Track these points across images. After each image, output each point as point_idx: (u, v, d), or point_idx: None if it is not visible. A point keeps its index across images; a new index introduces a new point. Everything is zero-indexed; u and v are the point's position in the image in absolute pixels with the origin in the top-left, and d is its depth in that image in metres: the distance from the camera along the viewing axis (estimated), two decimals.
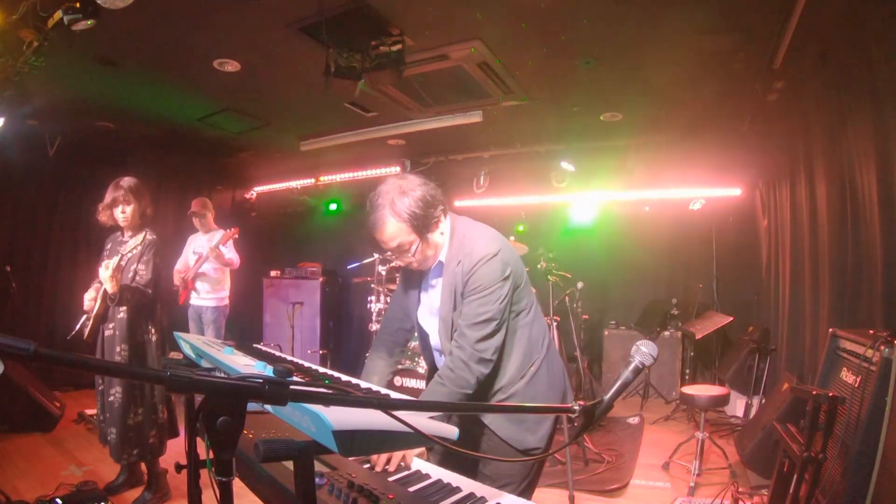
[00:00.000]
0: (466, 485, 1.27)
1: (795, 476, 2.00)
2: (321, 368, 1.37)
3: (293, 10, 2.77)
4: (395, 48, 2.92)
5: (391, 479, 1.30)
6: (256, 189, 7.39)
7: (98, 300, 2.81)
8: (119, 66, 3.46)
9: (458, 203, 6.21)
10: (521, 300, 1.67)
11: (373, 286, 5.38)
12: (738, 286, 5.66)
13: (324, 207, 7.18)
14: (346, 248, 6.90)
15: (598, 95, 3.98)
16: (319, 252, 7.26)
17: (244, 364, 1.16)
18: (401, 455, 1.39)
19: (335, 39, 2.87)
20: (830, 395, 1.84)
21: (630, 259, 6.04)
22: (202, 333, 4.60)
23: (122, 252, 2.73)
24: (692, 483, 3.27)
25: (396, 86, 3.55)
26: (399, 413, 0.81)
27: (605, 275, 6.11)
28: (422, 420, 0.91)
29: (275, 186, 7.15)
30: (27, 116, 4.23)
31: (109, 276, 2.61)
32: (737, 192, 5.34)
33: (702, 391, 3.47)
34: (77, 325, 2.90)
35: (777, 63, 3.10)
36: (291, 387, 0.70)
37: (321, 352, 6.40)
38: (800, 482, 1.96)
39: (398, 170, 5.93)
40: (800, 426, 2.09)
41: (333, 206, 7.10)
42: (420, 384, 4.07)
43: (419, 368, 4.11)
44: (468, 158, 5.74)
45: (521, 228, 6.24)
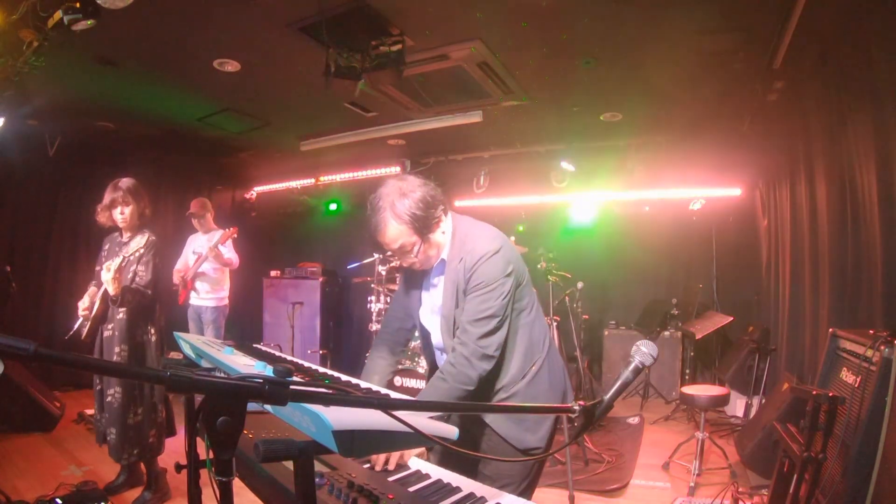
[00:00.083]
0: (466, 485, 1.27)
1: (795, 476, 2.00)
2: (321, 368, 1.37)
3: (293, 10, 2.77)
4: (395, 48, 2.92)
5: (391, 479, 1.29)
6: (256, 189, 7.39)
7: (98, 301, 2.81)
8: (119, 66, 3.46)
9: (458, 203, 6.21)
10: (523, 298, 1.67)
11: (373, 286, 5.38)
12: (738, 286, 5.66)
13: (324, 207, 7.18)
14: (346, 248, 6.90)
15: (598, 95, 3.98)
16: (319, 252, 7.26)
17: (244, 364, 1.16)
18: (399, 454, 1.40)
19: (335, 39, 2.87)
20: (830, 395, 1.84)
21: (630, 259, 6.04)
22: (202, 333, 4.60)
23: (125, 254, 2.72)
24: (692, 483, 3.27)
25: (396, 86, 3.54)
26: (399, 413, 0.81)
27: (605, 275, 6.10)
28: (422, 420, 0.91)
29: (275, 186, 7.15)
30: (27, 116, 4.23)
31: (111, 278, 2.60)
32: (737, 192, 5.34)
33: (702, 391, 3.47)
34: (75, 326, 2.90)
35: (777, 63, 3.10)
36: (291, 387, 0.70)
37: (321, 352, 6.40)
38: (800, 482, 1.97)
39: (398, 170, 5.93)
40: (800, 426, 2.09)
41: (333, 206, 7.10)
42: (420, 384, 4.07)
43: (419, 368, 4.11)
44: (468, 158, 5.74)
45: (521, 228, 6.24)
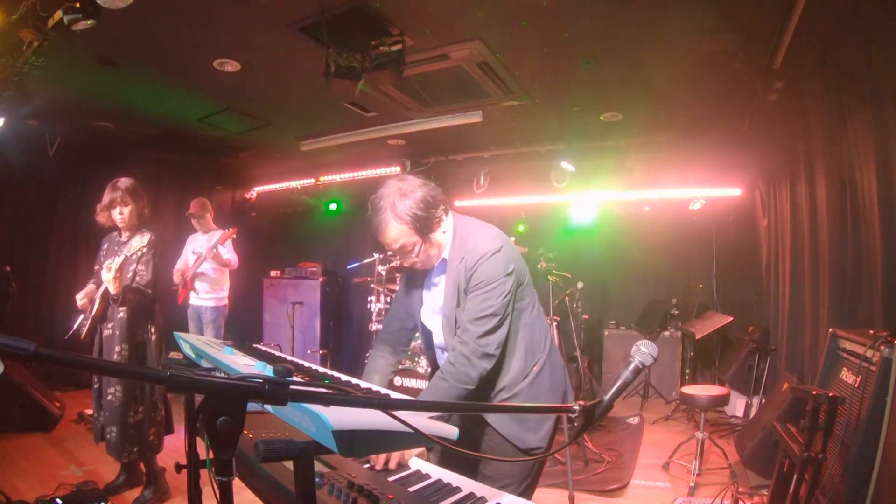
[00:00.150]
0: (466, 485, 1.27)
1: (795, 476, 2.00)
2: (321, 368, 1.36)
3: (293, 10, 2.77)
4: (395, 48, 2.92)
5: (391, 479, 1.29)
6: (256, 189, 7.39)
7: (97, 300, 2.81)
8: (119, 66, 3.46)
9: (458, 203, 6.21)
10: (524, 298, 1.67)
11: (373, 286, 5.38)
12: (738, 286, 5.66)
13: (324, 207, 7.18)
14: (346, 248, 6.91)
15: (598, 95, 3.98)
16: (319, 252, 7.26)
17: (244, 364, 1.16)
18: (399, 454, 1.40)
19: (335, 39, 2.87)
20: (830, 395, 1.84)
21: (630, 259, 6.04)
22: (201, 333, 4.60)
23: (126, 253, 2.72)
24: (692, 483, 3.27)
25: (396, 86, 3.55)
26: (399, 413, 0.81)
27: (605, 275, 6.10)
28: (422, 420, 0.91)
29: (275, 186, 7.15)
30: (27, 116, 4.23)
31: (112, 277, 2.61)
32: (737, 192, 5.34)
33: (702, 391, 3.47)
34: (74, 325, 2.90)
35: (777, 63, 3.10)
36: (291, 387, 0.70)
37: (321, 352, 6.40)
38: (800, 482, 1.96)
39: (398, 170, 5.93)
40: (800, 426, 2.09)
41: (333, 206, 7.10)
42: (420, 384, 4.07)
43: (419, 368, 4.11)
44: (468, 158, 5.74)
45: (521, 228, 6.24)
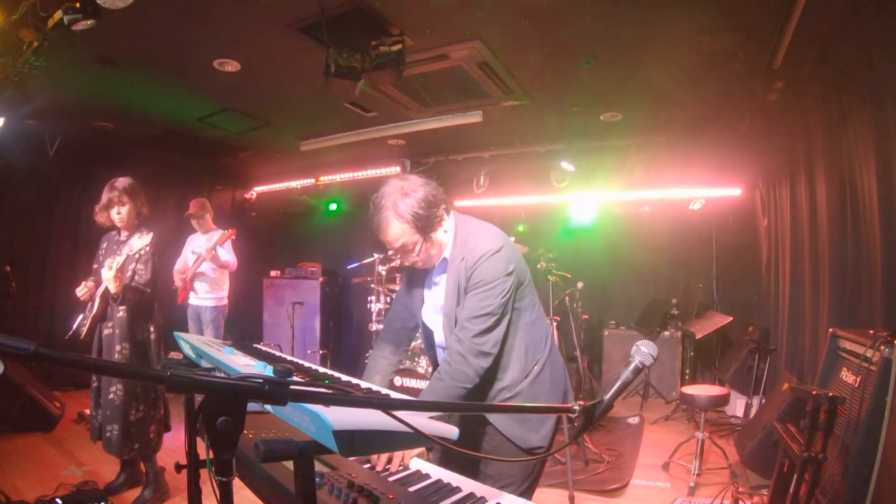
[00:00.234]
0: (466, 485, 1.27)
1: (795, 476, 2.00)
2: (321, 368, 1.36)
3: (293, 10, 2.77)
4: (395, 48, 2.92)
5: (391, 479, 1.30)
6: (256, 189, 7.39)
7: (97, 299, 2.81)
8: (119, 66, 3.46)
9: (458, 203, 6.20)
10: (525, 298, 1.67)
11: (373, 286, 5.38)
12: (738, 286, 5.66)
13: (324, 207, 7.18)
14: (346, 248, 6.90)
15: (598, 95, 3.98)
16: (319, 252, 7.26)
17: (244, 364, 1.16)
18: (400, 455, 1.40)
19: (335, 39, 2.87)
20: (830, 395, 1.84)
21: (630, 259, 6.04)
22: (201, 333, 4.60)
23: (128, 252, 2.72)
24: (692, 483, 3.27)
25: (396, 86, 3.55)
26: (399, 413, 0.81)
27: (605, 275, 6.10)
28: (422, 420, 0.91)
29: (275, 186, 7.15)
30: (27, 116, 4.23)
31: (113, 276, 2.61)
32: (737, 192, 5.34)
33: (702, 391, 3.47)
34: (74, 325, 2.91)
35: (777, 63, 3.10)
36: (291, 387, 0.70)
37: (321, 352, 6.40)
38: (800, 482, 1.96)
39: (398, 170, 5.93)
40: (800, 426, 2.09)
41: (333, 206, 7.10)
42: (420, 384, 4.07)
43: (419, 368, 4.11)
44: (468, 158, 5.74)
45: (521, 228, 6.24)
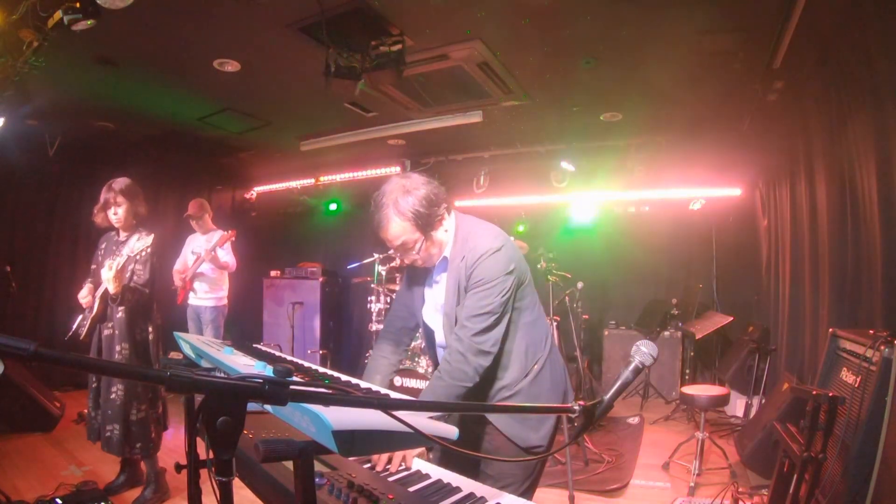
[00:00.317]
0: (466, 485, 1.27)
1: (795, 476, 2.00)
2: (321, 368, 1.36)
3: (293, 10, 2.77)
4: (395, 48, 2.92)
5: (391, 480, 1.30)
6: (256, 189, 7.39)
7: (97, 300, 2.81)
8: (119, 66, 3.46)
9: (458, 203, 6.20)
10: (525, 298, 1.67)
11: (373, 286, 5.37)
12: (738, 286, 5.66)
13: (324, 207, 7.18)
14: (346, 248, 6.90)
15: (598, 95, 3.98)
16: (319, 252, 7.26)
17: (244, 364, 1.16)
18: (401, 455, 1.40)
19: (335, 39, 2.87)
20: (830, 395, 1.84)
21: (630, 259, 6.04)
22: (201, 333, 4.60)
23: (128, 252, 2.72)
24: (692, 483, 3.27)
25: (396, 86, 3.55)
26: (399, 413, 0.81)
27: (605, 275, 6.10)
28: (422, 420, 0.91)
29: (275, 186, 7.15)
30: (27, 116, 4.23)
31: (112, 277, 2.61)
32: (737, 192, 5.34)
33: (702, 391, 3.47)
34: (74, 325, 2.91)
35: (777, 63, 3.09)
36: (291, 387, 0.70)
37: (321, 352, 6.40)
38: (800, 482, 1.96)
39: (398, 170, 5.92)
40: (800, 426, 2.09)
41: (333, 206, 7.10)
42: (420, 384, 4.07)
43: (419, 368, 4.11)
44: (468, 158, 5.73)
45: (521, 228, 6.24)
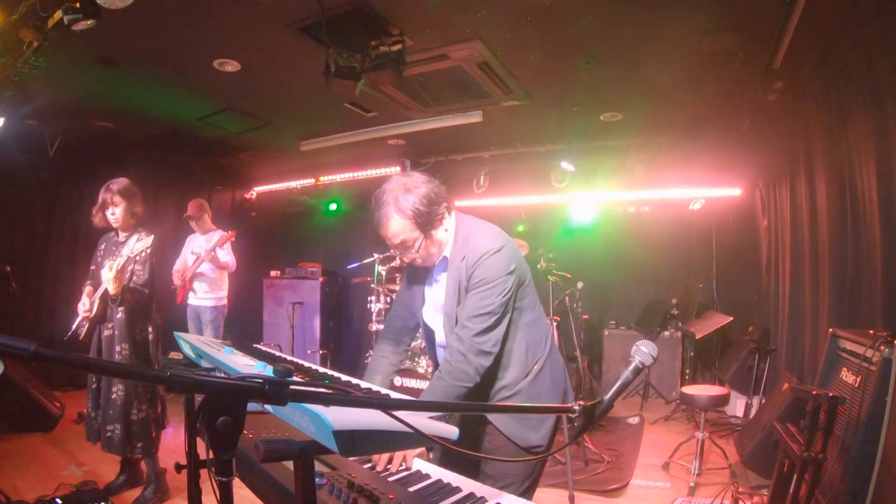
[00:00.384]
0: (466, 485, 1.27)
1: (795, 476, 2.00)
2: (321, 368, 1.37)
3: (293, 10, 2.77)
4: (395, 48, 2.92)
5: (391, 480, 1.30)
6: (256, 189, 7.39)
7: (97, 301, 2.82)
8: (119, 66, 3.46)
9: (458, 203, 6.20)
10: (525, 298, 1.67)
11: (373, 286, 5.37)
12: (738, 286, 5.66)
13: (324, 207, 7.18)
14: (346, 248, 6.90)
15: (598, 95, 3.98)
16: (319, 252, 7.26)
17: (244, 364, 1.16)
18: (402, 455, 1.40)
19: (335, 39, 2.87)
20: (830, 395, 1.84)
21: (630, 259, 6.04)
22: (201, 333, 4.60)
23: (128, 253, 2.73)
24: (692, 483, 3.27)
25: (396, 86, 3.55)
26: (399, 413, 0.81)
27: (605, 275, 6.10)
28: (422, 420, 0.91)
29: (275, 186, 7.15)
30: (27, 116, 4.23)
31: (113, 277, 2.62)
32: (737, 192, 5.33)
33: (702, 391, 3.47)
34: (73, 326, 2.91)
35: (777, 63, 3.09)
36: (291, 387, 0.70)
37: (321, 352, 6.40)
38: (800, 482, 1.96)
39: (398, 170, 5.93)
40: (800, 426, 2.09)
41: (333, 206, 7.09)
42: (420, 384, 4.07)
43: (419, 368, 4.11)
44: (468, 158, 5.74)
45: (521, 228, 6.24)
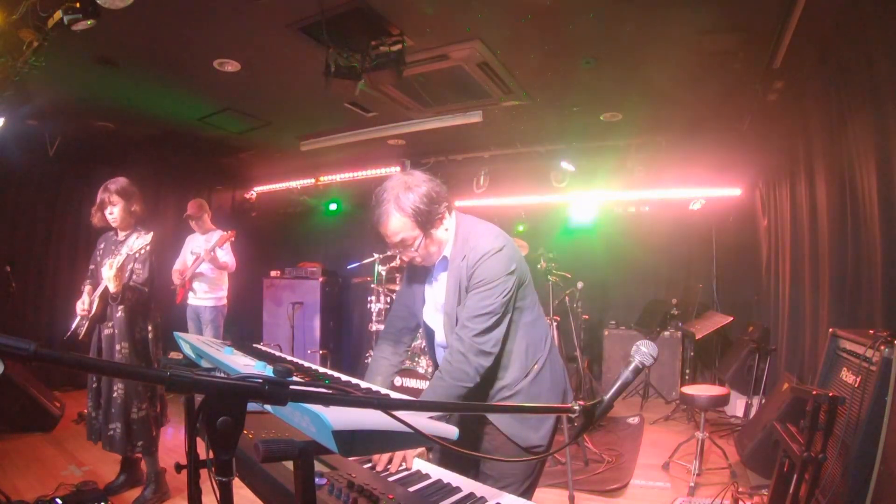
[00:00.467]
0: (466, 485, 1.27)
1: (795, 476, 2.00)
2: (321, 368, 1.37)
3: (293, 10, 2.77)
4: (395, 48, 2.93)
5: (391, 479, 1.30)
6: (256, 189, 7.39)
7: (96, 300, 2.82)
8: (119, 66, 3.46)
9: (458, 203, 6.19)
10: (525, 298, 1.67)
11: (373, 286, 5.37)
12: (738, 286, 5.66)
13: (324, 207, 7.17)
14: (346, 248, 6.90)
15: (598, 95, 3.98)
16: (319, 252, 7.26)
17: (244, 364, 1.16)
18: (402, 455, 1.40)
19: (335, 39, 2.87)
20: (830, 395, 1.84)
21: (630, 259, 6.04)
22: (201, 333, 4.60)
23: (128, 251, 2.73)
24: (692, 483, 3.27)
25: (396, 86, 3.55)
26: (399, 413, 0.81)
27: (605, 275, 6.10)
28: (422, 420, 0.91)
29: (275, 186, 7.15)
30: (27, 116, 4.23)
31: (113, 276, 2.62)
32: (737, 192, 5.33)
33: (702, 391, 3.47)
34: (73, 325, 2.91)
35: (777, 63, 3.10)
36: (291, 387, 0.70)
37: (321, 352, 6.40)
38: (800, 482, 1.96)
39: (398, 170, 5.92)
40: (800, 426, 2.09)
41: (333, 206, 7.09)
42: (420, 384, 4.07)
43: (419, 368, 4.11)
44: (468, 158, 5.74)
45: (521, 228, 6.24)
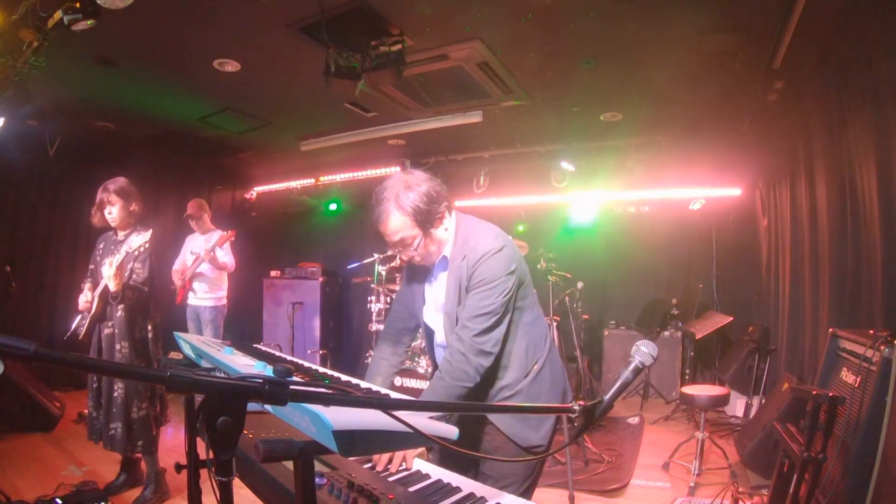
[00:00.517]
0: (466, 485, 1.27)
1: (795, 476, 2.00)
2: (321, 368, 1.37)
3: (293, 10, 2.77)
4: (395, 48, 2.93)
5: (391, 479, 1.30)
6: (256, 189, 7.39)
7: (96, 299, 2.82)
8: (119, 66, 3.46)
9: (458, 203, 6.15)
10: (525, 298, 1.67)
11: (373, 286, 5.37)
12: (738, 286, 5.66)
13: (324, 207, 7.17)
14: (346, 248, 6.90)
15: (598, 95, 3.98)
16: (319, 252, 7.26)
17: (244, 364, 1.16)
18: (402, 455, 1.40)
19: (335, 39, 2.87)
20: (830, 395, 1.84)
21: (630, 259, 6.04)
22: (200, 333, 4.60)
23: (128, 250, 2.73)
24: (692, 483, 3.27)
25: (396, 86, 3.55)
26: (399, 413, 0.81)
27: (605, 275, 6.10)
28: (422, 420, 0.91)
29: (275, 186, 7.15)
30: (27, 116, 4.24)
31: (113, 275, 2.62)
32: (737, 192, 5.33)
33: (702, 391, 3.47)
34: (73, 325, 2.91)
35: (777, 63, 3.10)
36: (291, 387, 0.70)
37: (321, 352, 6.40)
38: (800, 482, 1.96)
39: (398, 170, 5.92)
40: (800, 426, 2.09)
41: (333, 206, 7.09)
42: (420, 384, 4.07)
43: (419, 368, 4.11)
44: (468, 158, 5.74)
45: (521, 228, 6.24)
